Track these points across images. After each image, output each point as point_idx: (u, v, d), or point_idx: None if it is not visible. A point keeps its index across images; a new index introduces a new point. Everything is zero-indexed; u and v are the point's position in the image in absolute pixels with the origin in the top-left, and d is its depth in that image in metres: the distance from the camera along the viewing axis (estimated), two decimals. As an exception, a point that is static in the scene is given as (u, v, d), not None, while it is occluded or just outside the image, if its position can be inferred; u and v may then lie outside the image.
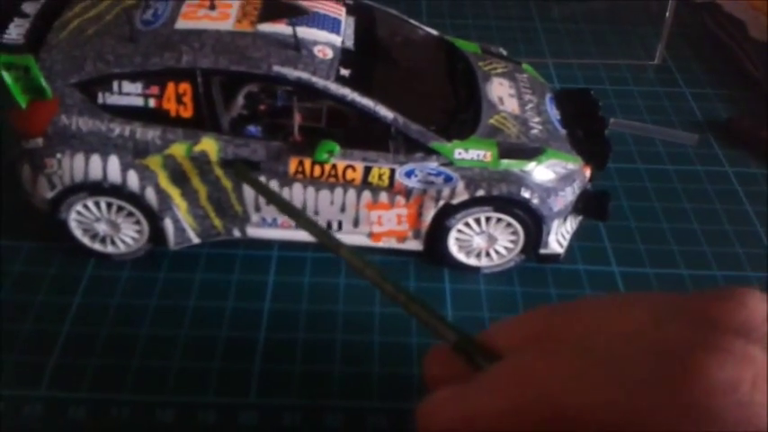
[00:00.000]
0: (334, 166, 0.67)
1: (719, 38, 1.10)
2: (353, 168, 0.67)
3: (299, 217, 0.50)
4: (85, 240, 0.71)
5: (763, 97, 0.98)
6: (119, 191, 0.67)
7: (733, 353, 0.23)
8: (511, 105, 0.73)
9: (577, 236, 0.75)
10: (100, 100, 0.65)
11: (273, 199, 0.60)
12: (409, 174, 0.67)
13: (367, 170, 0.67)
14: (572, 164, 0.70)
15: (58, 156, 0.66)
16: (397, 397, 0.62)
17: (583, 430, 0.25)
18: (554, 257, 0.73)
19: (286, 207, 0.57)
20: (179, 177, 0.67)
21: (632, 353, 0.25)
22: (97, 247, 0.71)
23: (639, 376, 0.24)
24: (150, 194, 0.67)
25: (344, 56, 0.67)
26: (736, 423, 0.23)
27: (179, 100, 0.65)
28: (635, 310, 0.27)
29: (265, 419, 0.59)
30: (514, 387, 0.27)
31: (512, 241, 0.71)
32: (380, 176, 0.67)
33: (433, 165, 0.67)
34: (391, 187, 0.68)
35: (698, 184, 0.85)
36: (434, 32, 0.81)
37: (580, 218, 0.74)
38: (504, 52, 0.83)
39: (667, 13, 1.02)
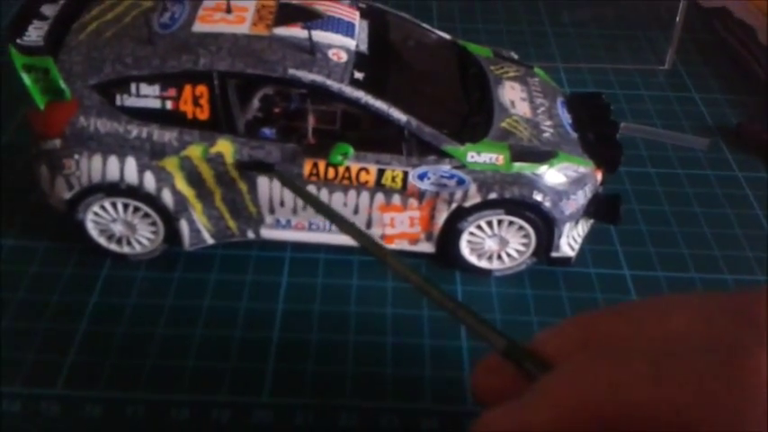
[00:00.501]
0: (347, 169, 0.67)
1: (729, 43, 1.11)
2: (367, 171, 0.67)
3: (343, 222, 0.51)
4: (102, 241, 0.72)
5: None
6: (135, 192, 0.68)
7: None
8: (523, 109, 0.73)
9: (589, 239, 0.76)
10: (118, 102, 0.66)
11: (317, 205, 0.60)
12: (422, 176, 0.68)
13: (380, 173, 0.67)
14: (583, 167, 0.70)
15: (76, 157, 0.67)
16: (410, 397, 0.62)
17: (636, 430, 0.25)
18: (565, 261, 0.73)
19: (330, 213, 0.57)
20: (195, 179, 0.68)
21: (682, 351, 0.26)
22: (113, 247, 0.72)
23: (692, 373, 0.25)
24: (166, 195, 0.68)
25: (358, 59, 0.68)
26: None
27: (196, 102, 0.66)
28: (679, 311, 0.28)
29: (278, 418, 0.60)
30: (569, 395, 0.27)
31: (523, 244, 0.71)
32: (394, 179, 0.68)
33: (445, 167, 0.67)
34: (404, 190, 0.68)
35: (708, 189, 0.86)
36: (447, 36, 0.82)
37: (592, 221, 0.75)
38: (516, 56, 0.84)
39: (677, 19, 1.02)
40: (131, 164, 0.67)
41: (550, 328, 0.31)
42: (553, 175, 0.69)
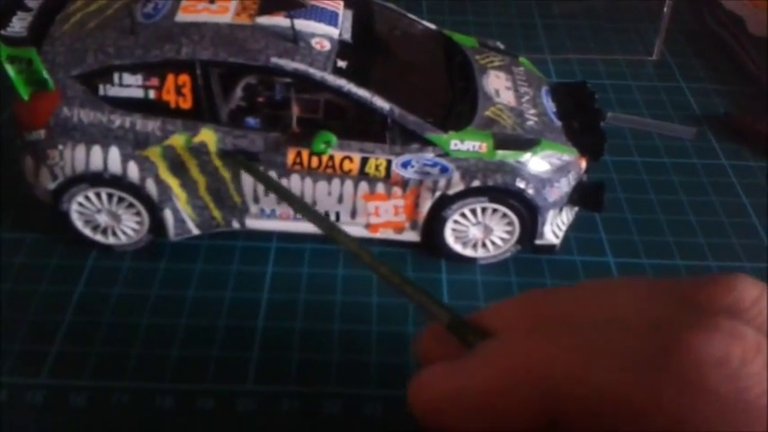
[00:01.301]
0: (331, 157, 0.67)
1: (718, 34, 1.11)
2: (350, 159, 0.68)
3: (296, 203, 0.51)
4: (87, 231, 0.72)
5: (761, 92, 0.98)
6: (119, 182, 0.68)
7: (721, 330, 0.24)
8: (507, 97, 0.73)
9: (573, 227, 0.76)
10: (101, 92, 0.66)
11: (272, 186, 0.61)
12: (406, 164, 0.68)
13: (364, 161, 0.68)
14: (567, 155, 0.70)
15: (60, 147, 0.67)
16: (394, 385, 0.62)
17: (570, 407, 0.25)
18: (550, 248, 0.73)
19: (284, 194, 0.58)
20: (178, 168, 0.68)
21: (621, 332, 0.26)
22: (98, 238, 0.72)
23: (628, 353, 0.25)
24: (150, 185, 0.68)
25: (342, 48, 0.68)
26: (726, 397, 0.23)
27: (178, 91, 0.66)
28: (625, 293, 0.28)
29: (263, 406, 0.60)
30: (504, 362, 0.27)
31: (508, 232, 0.72)
32: (377, 167, 0.68)
33: (429, 156, 0.68)
34: (388, 178, 0.69)
35: (694, 177, 0.86)
36: (432, 26, 0.82)
37: (576, 209, 0.75)
38: (502, 46, 0.84)
39: (665, 9, 1.02)
40: (115, 154, 0.67)
41: (497, 302, 0.32)
42: (536, 162, 0.69)
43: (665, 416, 0.23)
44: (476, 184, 0.68)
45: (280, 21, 0.67)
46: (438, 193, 0.69)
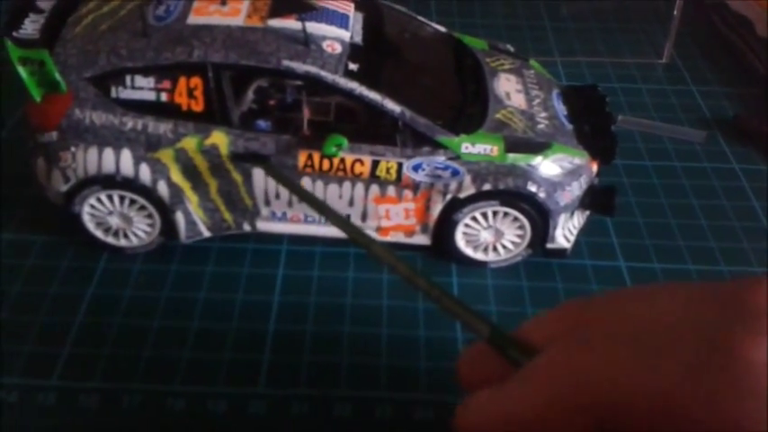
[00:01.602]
0: (342, 160, 0.67)
1: (727, 36, 1.10)
2: (361, 162, 0.68)
3: (330, 213, 0.51)
4: (98, 233, 0.72)
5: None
6: (131, 184, 0.68)
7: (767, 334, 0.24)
8: (518, 100, 0.73)
9: (585, 231, 0.76)
10: (113, 94, 0.66)
11: (305, 197, 0.61)
12: (417, 168, 0.68)
13: (375, 164, 0.68)
14: (578, 158, 0.70)
15: (72, 149, 0.67)
16: (404, 388, 0.62)
17: (622, 419, 0.25)
18: (561, 252, 0.73)
19: (317, 204, 0.58)
20: (190, 171, 0.68)
21: (667, 339, 0.25)
22: (110, 240, 0.72)
23: (677, 361, 0.24)
24: (162, 188, 0.68)
25: (353, 51, 0.68)
26: None
27: (190, 94, 0.66)
28: (667, 299, 0.28)
29: (274, 409, 0.60)
30: (551, 381, 0.27)
31: (519, 236, 0.72)
32: (388, 170, 0.68)
33: (440, 159, 0.67)
34: (399, 181, 0.68)
35: (705, 181, 0.86)
36: (442, 29, 0.82)
37: (587, 213, 0.75)
38: (512, 49, 0.84)
39: (675, 12, 1.02)
40: (127, 156, 0.67)
41: (538, 315, 0.31)
42: (548, 166, 0.69)
43: (718, 420, 0.23)
44: (487, 187, 0.68)
45: (291, 23, 0.67)
46: (449, 197, 0.69)
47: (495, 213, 0.70)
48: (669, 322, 0.26)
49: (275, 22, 0.67)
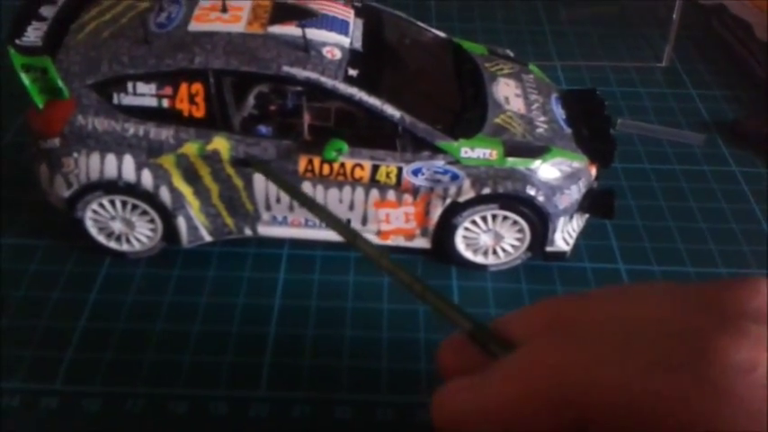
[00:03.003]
0: (342, 165, 0.68)
1: (726, 39, 1.11)
2: (361, 167, 0.68)
3: (316, 208, 0.51)
4: (101, 239, 0.73)
5: (770, 98, 0.98)
6: (133, 189, 0.69)
7: (749, 336, 0.24)
8: (517, 105, 0.74)
9: (584, 234, 0.76)
10: (115, 100, 0.67)
11: (292, 192, 0.61)
12: (416, 172, 0.68)
13: (375, 168, 0.68)
14: (577, 162, 0.71)
15: (75, 155, 0.68)
16: (405, 391, 0.63)
17: (598, 416, 0.25)
18: (560, 255, 0.74)
19: (303, 198, 0.58)
20: (192, 176, 0.69)
21: (645, 338, 0.25)
22: (112, 245, 0.73)
23: (654, 359, 0.24)
24: (164, 193, 0.69)
25: (352, 57, 0.69)
26: (753, 404, 0.23)
27: (191, 100, 0.66)
28: (647, 297, 0.28)
29: (275, 412, 0.61)
30: (528, 374, 0.27)
31: (518, 239, 0.72)
32: (388, 175, 0.68)
33: (439, 163, 0.68)
34: (399, 185, 0.69)
35: (704, 184, 0.86)
36: (442, 34, 0.82)
37: (586, 216, 0.75)
38: (511, 54, 0.85)
39: (674, 16, 1.03)
40: (129, 162, 0.68)
41: (517, 310, 0.32)
42: (547, 169, 0.69)
43: (693, 421, 0.23)
44: (486, 191, 0.68)
45: (291, 30, 0.68)
46: (449, 201, 0.69)
47: (494, 217, 0.70)
48: (646, 321, 0.26)
49: (276, 29, 0.68)
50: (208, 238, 0.73)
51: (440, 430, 0.30)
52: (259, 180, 0.69)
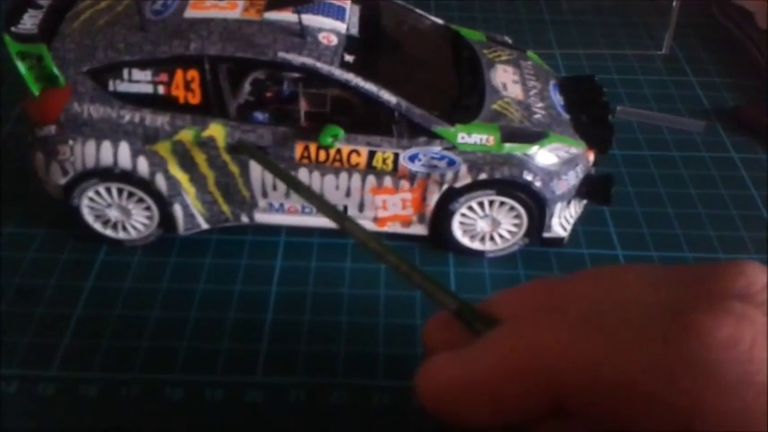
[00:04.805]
0: (338, 151, 0.68)
1: (727, 27, 1.10)
2: (358, 153, 0.68)
3: (303, 190, 0.51)
4: (97, 226, 0.73)
5: (771, 85, 0.98)
6: (129, 177, 0.69)
7: (732, 313, 0.24)
8: (514, 91, 0.73)
9: (582, 220, 0.76)
10: (111, 87, 0.67)
11: (280, 174, 0.61)
12: (413, 158, 0.68)
13: (371, 154, 0.68)
14: (575, 148, 0.70)
15: (71, 142, 0.67)
16: (401, 376, 0.62)
17: (576, 391, 0.25)
18: (558, 241, 0.73)
19: (292, 182, 0.58)
20: (187, 163, 0.69)
21: (629, 316, 0.25)
22: (109, 233, 0.73)
23: (636, 336, 0.24)
24: (160, 180, 0.69)
25: (349, 42, 0.68)
26: (735, 380, 0.23)
27: (187, 87, 0.66)
28: (633, 278, 0.28)
29: (272, 397, 0.61)
30: (511, 350, 0.27)
31: (515, 225, 0.72)
32: (384, 161, 0.68)
33: (436, 149, 0.68)
34: (395, 171, 0.69)
35: (704, 170, 0.86)
36: (439, 21, 0.82)
37: (584, 202, 0.75)
38: (510, 41, 0.84)
39: (674, 3, 1.02)
40: (125, 149, 0.67)
41: (504, 290, 0.32)
42: (544, 155, 0.69)
43: (675, 398, 0.23)
44: (483, 177, 0.68)
45: (287, 16, 0.67)
46: (445, 187, 0.69)
47: (491, 203, 0.70)
48: (632, 301, 0.26)
49: (271, 15, 0.68)
50: (204, 225, 0.73)
51: (426, 406, 0.30)
52: (255, 167, 0.69)
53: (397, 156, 0.68)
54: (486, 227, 0.72)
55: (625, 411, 0.24)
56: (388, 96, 0.67)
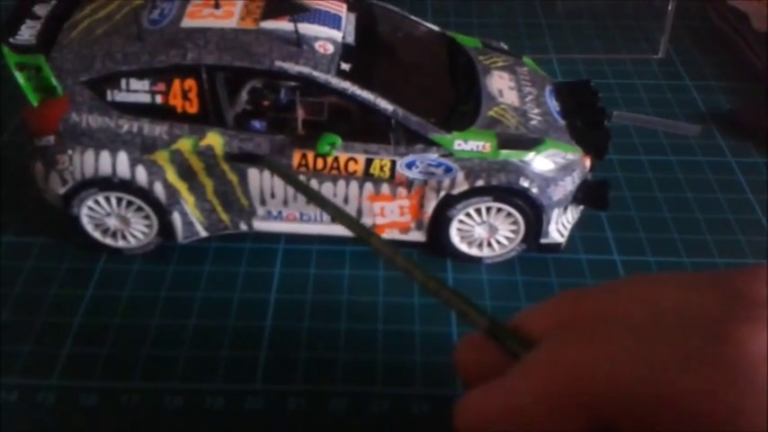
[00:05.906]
0: (336, 159, 0.68)
1: (723, 30, 1.11)
2: (355, 160, 0.68)
3: (330, 207, 0.51)
4: (97, 235, 0.73)
5: (766, 88, 0.98)
6: (128, 186, 0.69)
7: (765, 323, 0.23)
8: (510, 97, 0.74)
9: (579, 226, 0.76)
10: (109, 97, 0.67)
11: (307, 192, 0.61)
12: (410, 165, 0.68)
13: (368, 162, 0.68)
14: (571, 154, 0.71)
15: (69, 152, 0.68)
16: (400, 383, 0.63)
17: (623, 413, 0.25)
18: (555, 247, 0.74)
19: (317, 198, 0.58)
20: (186, 172, 0.69)
21: (664, 330, 0.25)
22: (108, 241, 0.73)
23: (673, 352, 0.24)
24: (158, 189, 0.69)
25: (345, 51, 0.69)
26: None
27: (185, 96, 0.67)
28: (663, 288, 0.27)
29: (271, 404, 0.61)
30: (549, 377, 0.27)
31: (513, 231, 0.72)
32: (382, 168, 0.69)
33: (433, 156, 0.68)
34: (392, 179, 0.69)
35: (700, 174, 0.86)
36: (435, 28, 0.82)
37: (581, 208, 0.75)
38: (505, 47, 0.85)
39: (670, 7, 1.02)
40: (123, 158, 0.68)
41: (534, 305, 0.31)
42: (540, 161, 0.69)
43: (717, 413, 0.23)
44: (480, 183, 0.68)
45: (284, 25, 0.68)
46: (443, 193, 0.70)
47: (488, 209, 0.70)
48: (665, 313, 0.26)
49: (268, 24, 0.68)
50: (203, 233, 0.73)
51: None
52: (253, 175, 0.69)
53: (394, 163, 0.68)
54: (484, 233, 0.72)
55: (667, 426, 0.24)
56: (385, 104, 0.67)
